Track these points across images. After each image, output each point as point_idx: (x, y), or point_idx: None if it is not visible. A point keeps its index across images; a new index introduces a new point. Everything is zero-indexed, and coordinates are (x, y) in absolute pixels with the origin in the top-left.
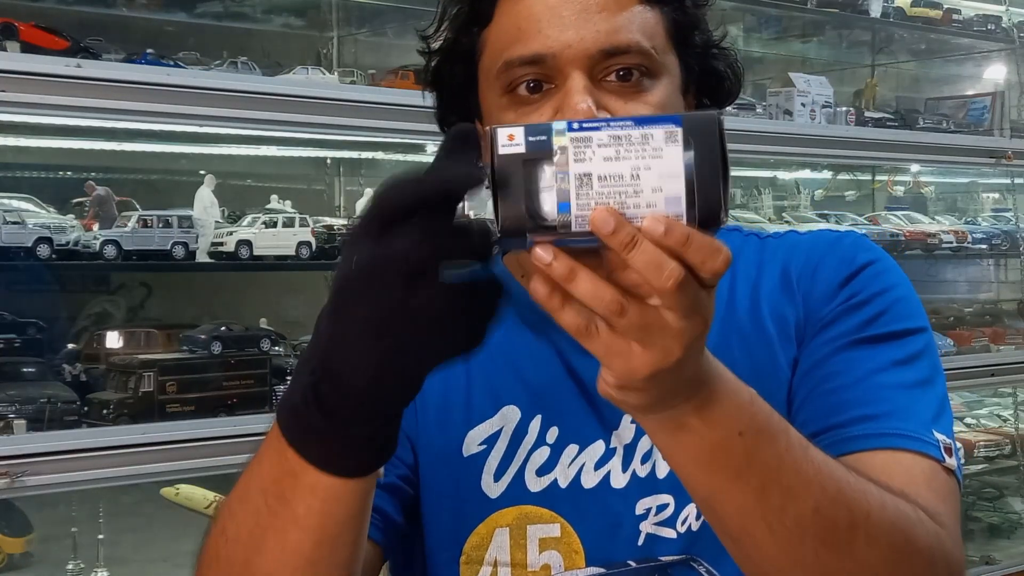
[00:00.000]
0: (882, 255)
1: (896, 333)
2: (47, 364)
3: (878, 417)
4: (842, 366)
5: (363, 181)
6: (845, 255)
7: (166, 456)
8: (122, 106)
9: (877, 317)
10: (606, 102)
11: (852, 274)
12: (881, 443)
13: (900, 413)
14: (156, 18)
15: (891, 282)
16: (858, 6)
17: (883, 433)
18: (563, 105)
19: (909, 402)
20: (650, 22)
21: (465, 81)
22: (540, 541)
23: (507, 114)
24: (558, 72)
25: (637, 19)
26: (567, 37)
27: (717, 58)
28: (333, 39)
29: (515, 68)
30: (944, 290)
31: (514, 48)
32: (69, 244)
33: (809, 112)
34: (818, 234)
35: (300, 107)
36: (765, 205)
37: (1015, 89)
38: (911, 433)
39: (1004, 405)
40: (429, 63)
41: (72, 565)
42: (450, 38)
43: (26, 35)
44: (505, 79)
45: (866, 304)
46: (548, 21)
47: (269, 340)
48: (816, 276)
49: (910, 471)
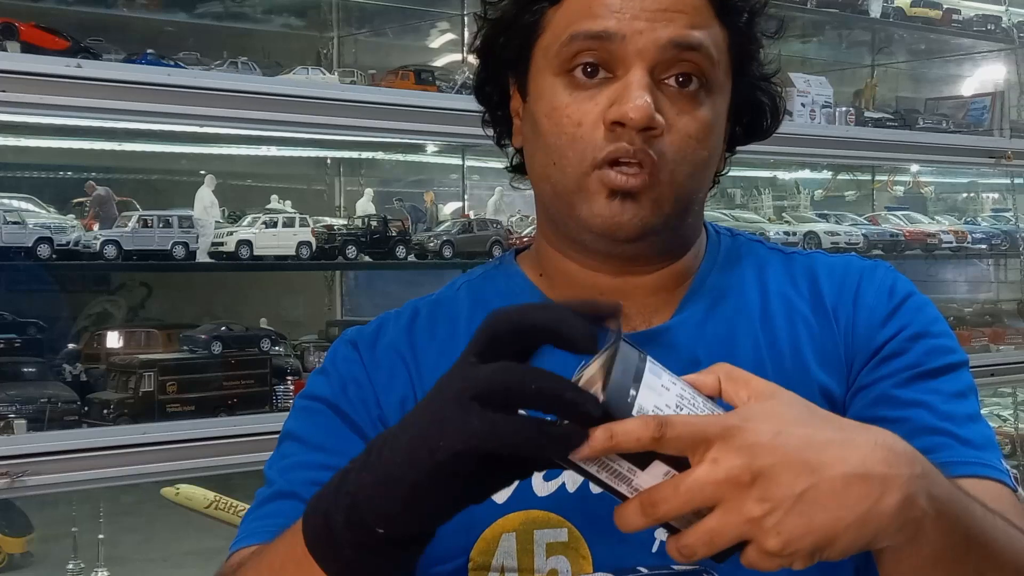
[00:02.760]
0: (914, 287)
1: (952, 366)
2: (47, 364)
3: (955, 446)
4: (909, 398)
5: (363, 181)
6: (883, 285)
7: (166, 456)
8: (122, 106)
9: (933, 350)
10: (662, 105)
11: (897, 306)
12: (966, 471)
13: (974, 441)
14: (156, 18)
15: (934, 315)
16: (858, 6)
17: (967, 461)
18: (621, 97)
19: (976, 432)
20: (720, 39)
21: (516, 57)
22: (547, 546)
23: (560, 95)
24: (620, 60)
25: (710, 30)
26: (639, 24)
27: (764, 93)
28: (333, 39)
29: (579, 41)
30: (944, 290)
31: (582, 23)
32: (69, 244)
33: (809, 112)
34: (848, 260)
35: (300, 107)
36: (765, 205)
37: (1015, 89)
38: (989, 462)
39: (1004, 405)
40: (481, 31)
41: (72, 565)
42: (512, 11)
43: (26, 35)
44: (566, 54)
45: (921, 337)
46: (623, 7)
47: (269, 340)
48: (858, 306)
49: (1000, 499)
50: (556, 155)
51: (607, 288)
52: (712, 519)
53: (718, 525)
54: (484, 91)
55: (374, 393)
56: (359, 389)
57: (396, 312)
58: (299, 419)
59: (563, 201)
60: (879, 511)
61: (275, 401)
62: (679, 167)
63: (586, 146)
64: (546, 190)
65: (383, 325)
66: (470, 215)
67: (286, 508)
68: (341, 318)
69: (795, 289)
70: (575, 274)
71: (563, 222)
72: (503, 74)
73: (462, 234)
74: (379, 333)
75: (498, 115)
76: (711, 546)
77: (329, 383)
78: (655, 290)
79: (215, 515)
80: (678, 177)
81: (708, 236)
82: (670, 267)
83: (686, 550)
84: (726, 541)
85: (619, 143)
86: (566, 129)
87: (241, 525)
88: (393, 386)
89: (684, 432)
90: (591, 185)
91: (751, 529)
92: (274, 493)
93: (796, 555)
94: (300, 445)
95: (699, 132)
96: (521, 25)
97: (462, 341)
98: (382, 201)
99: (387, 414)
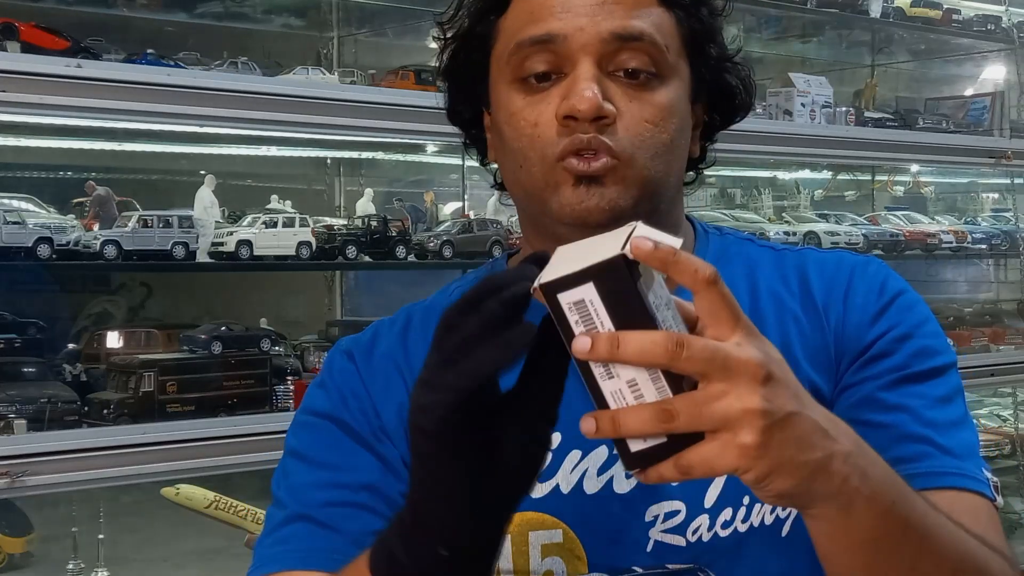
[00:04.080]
0: (906, 283)
1: (938, 369)
2: (47, 364)
3: (936, 455)
4: (894, 401)
5: (363, 181)
6: (873, 283)
7: (166, 456)
8: (122, 106)
9: (920, 352)
10: (612, 94)
11: (886, 304)
12: (944, 482)
13: (954, 451)
14: (156, 18)
15: (924, 314)
16: (858, 6)
17: (945, 472)
18: (569, 91)
19: (958, 440)
20: (665, 23)
21: (478, 71)
22: (542, 547)
23: (515, 101)
24: (567, 58)
25: (653, 16)
26: (580, 21)
27: (730, 72)
28: (333, 39)
29: (525, 48)
30: (944, 290)
31: (526, 29)
32: (69, 244)
33: (809, 112)
34: (839, 256)
35: (300, 107)
36: (765, 205)
37: (1015, 89)
38: (968, 472)
39: (1004, 405)
40: (444, 51)
41: (72, 565)
42: (465, 26)
43: (26, 35)
44: (515, 62)
45: (908, 338)
46: (562, 7)
47: (269, 340)
48: (848, 303)
49: (975, 512)
50: (520, 158)
51: None
52: (715, 444)
53: (720, 450)
54: (456, 112)
55: (372, 403)
56: (358, 401)
57: (390, 320)
58: (302, 435)
59: (535, 199)
60: (827, 467)
61: (275, 401)
62: (638, 151)
63: (544, 144)
64: (519, 194)
65: (377, 333)
66: (470, 215)
67: (302, 531)
68: (341, 318)
69: (786, 287)
70: None
71: (540, 221)
72: (471, 91)
73: (462, 234)
74: (374, 342)
75: (473, 134)
76: (710, 469)
77: (328, 397)
78: None
79: (215, 515)
80: (639, 160)
81: (696, 234)
82: None
83: (686, 468)
84: (724, 466)
85: (573, 136)
86: (524, 131)
87: (257, 550)
88: (390, 394)
89: (701, 356)
90: (557, 177)
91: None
92: (288, 516)
93: (754, 466)
94: (305, 464)
95: (654, 116)
96: (475, 37)
97: None
98: (382, 201)
99: (386, 422)
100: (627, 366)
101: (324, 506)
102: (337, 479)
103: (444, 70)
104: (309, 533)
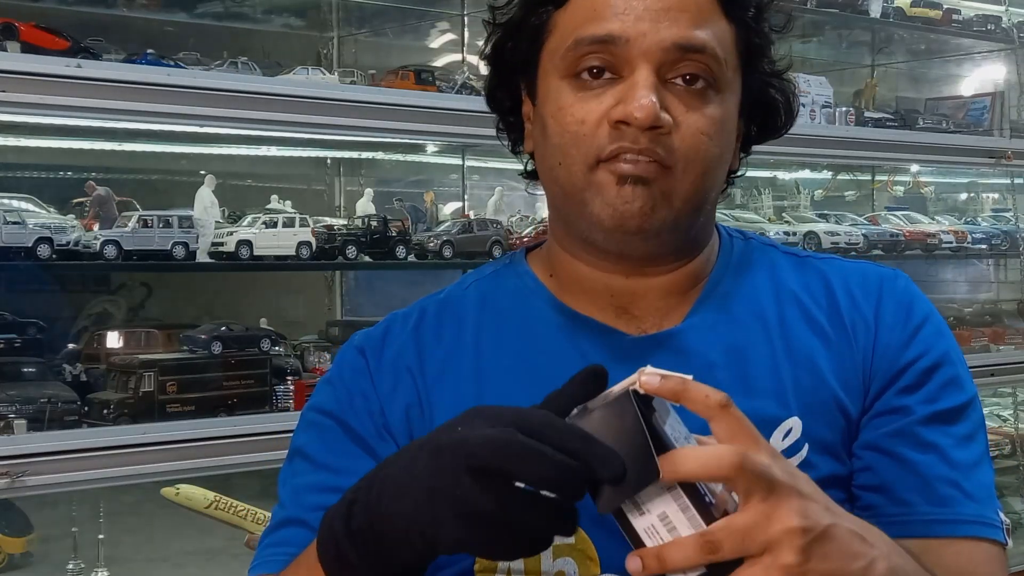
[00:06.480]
0: (930, 305)
1: (963, 405)
2: (47, 364)
3: (961, 501)
4: (925, 439)
5: (363, 181)
6: (901, 304)
7: (166, 456)
8: (122, 106)
9: (949, 383)
10: (669, 103)
11: (917, 327)
12: (966, 531)
13: (975, 495)
14: (156, 18)
15: (951, 342)
16: (858, 6)
17: (967, 520)
18: (626, 97)
19: (978, 482)
20: (727, 36)
21: (527, 61)
22: (554, 548)
23: (565, 96)
24: (626, 61)
25: (716, 29)
26: (643, 26)
27: (777, 89)
28: (333, 39)
29: (584, 47)
30: (944, 290)
31: (587, 27)
32: (69, 244)
33: (809, 112)
34: (864, 271)
35: (300, 107)
36: (765, 205)
37: (1015, 89)
38: (987, 519)
39: (1004, 405)
40: (491, 37)
41: (72, 565)
42: (519, 15)
43: (26, 35)
44: (571, 58)
45: (939, 367)
46: (626, 8)
47: (269, 340)
48: (879, 323)
49: (990, 561)
50: (560, 154)
51: (618, 289)
52: (757, 568)
53: (763, 574)
54: (495, 97)
55: (379, 402)
56: (365, 401)
57: (404, 313)
58: (308, 434)
59: (573, 200)
60: (870, 572)
61: (275, 401)
62: (690, 164)
63: (590, 144)
64: (556, 191)
65: (390, 329)
66: (470, 215)
67: (295, 536)
68: (341, 318)
69: (811, 296)
70: (586, 276)
71: (574, 222)
72: (513, 79)
73: (462, 234)
74: (386, 339)
75: (510, 121)
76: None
77: (336, 395)
78: (666, 293)
79: (215, 515)
80: (690, 174)
81: (721, 239)
82: (682, 269)
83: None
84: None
85: (622, 142)
86: (569, 127)
87: (258, 548)
88: (398, 396)
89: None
90: (600, 178)
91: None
92: (285, 519)
93: None
94: (308, 463)
95: (709, 128)
96: (528, 28)
97: (467, 343)
98: (382, 201)
99: (391, 423)
100: (657, 501)
101: (319, 510)
102: (336, 483)
103: (491, 56)
104: (302, 539)
